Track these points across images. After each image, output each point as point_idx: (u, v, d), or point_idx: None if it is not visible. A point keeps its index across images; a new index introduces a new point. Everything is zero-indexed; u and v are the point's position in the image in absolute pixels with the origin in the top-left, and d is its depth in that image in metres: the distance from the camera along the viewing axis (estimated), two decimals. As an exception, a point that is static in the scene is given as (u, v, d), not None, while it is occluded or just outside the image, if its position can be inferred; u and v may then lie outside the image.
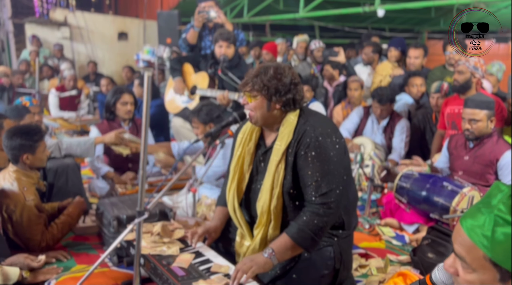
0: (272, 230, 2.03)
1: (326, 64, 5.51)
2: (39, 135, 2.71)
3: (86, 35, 9.78)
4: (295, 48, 6.78)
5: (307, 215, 1.92)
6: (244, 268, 1.84)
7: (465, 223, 0.98)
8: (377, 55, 5.60)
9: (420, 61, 4.90)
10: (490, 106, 3.20)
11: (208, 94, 4.28)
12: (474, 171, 3.32)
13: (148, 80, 1.76)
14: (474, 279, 0.96)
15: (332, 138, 1.97)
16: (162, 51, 6.42)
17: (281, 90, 1.99)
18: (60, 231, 2.75)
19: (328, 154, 1.94)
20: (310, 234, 1.90)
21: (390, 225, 3.28)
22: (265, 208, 2.01)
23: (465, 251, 0.97)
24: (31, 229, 2.61)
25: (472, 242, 0.95)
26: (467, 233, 0.96)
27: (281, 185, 1.99)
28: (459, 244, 0.98)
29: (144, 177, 1.86)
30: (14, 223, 2.60)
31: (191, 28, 4.72)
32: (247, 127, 2.17)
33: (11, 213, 2.58)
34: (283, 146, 1.98)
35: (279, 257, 1.91)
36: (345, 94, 5.23)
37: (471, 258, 0.95)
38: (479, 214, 0.95)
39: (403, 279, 2.26)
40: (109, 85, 6.65)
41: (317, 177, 1.92)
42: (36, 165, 2.76)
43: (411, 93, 4.73)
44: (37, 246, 2.65)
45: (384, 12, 6.36)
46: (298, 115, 2.03)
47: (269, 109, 2.02)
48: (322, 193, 1.91)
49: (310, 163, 1.93)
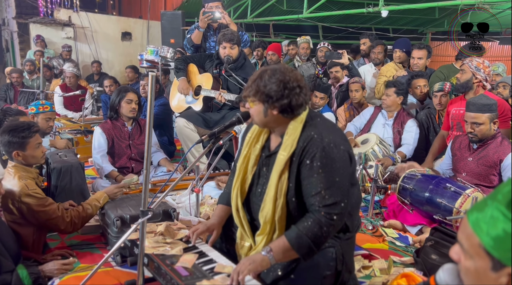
0: (276, 237, 2.02)
1: (335, 66, 5.51)
2: (28, 132, 2.69)
3: (90, 35, 9.81)
4: (297, 49, 6.80)
5: (309, 221, 1.87)
6: (242, 268, 1.83)
7: (470, 212, 1.03)
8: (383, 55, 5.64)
9: (423, 62, 4.90)
10: (492, 109, 3.20)
11: (212, 95, 4.28)
12: (477, 172, 3.31)
13: (152, 80, 1.76)
14: (470, 265, 1.01)
15: (339, 148, 1.90)
16: (166, 51, 6.42)
17: (273, 96, 1.90)
18: (85, 211, 2.74)
19: (334, 165, 1.87)
20: (308, 242, 1.85)
21: (394, 226, 3.28)
22: (268, 218, 1.98)
23: (465, 237, 1.02)
24: (46, 212, 2.58)
25: (472, 230, 1.00)
26: (469, 221, 1.01)
27: (284, 195, 1.95)
28: (462, 230, 1.04)
29: (148, 177, 1.87)
30: (26, 213, 2.57)
31: (196, 29, 4.73)
32: (256, 128, 2.15)
33: (18, 204, 2.56)
34: (287, 156, 1.93)
35: (276, 257, 1.87)
36: (347, 95, 5.23)
37: (468, 245, 1.01)
38: (484, 205, 1.00)
39: (407, 280, 2.25)
40: (112, 86, 6.66)
41: (321, 188, 1.86)
42: (29, 161, 2.76)
43: (414, 94, 4.73)
44: (60, 223, 2.63)
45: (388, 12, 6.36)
46: (304, 122, 1.97)
47: (266, 115, 1.96)
48: (327, 204, 1.86)
49: (315, 173, 1.87)
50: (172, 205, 3.04)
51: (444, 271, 1.16)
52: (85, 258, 2.70)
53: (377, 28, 10.64)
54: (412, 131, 4.32)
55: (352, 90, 4.98)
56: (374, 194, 3.50)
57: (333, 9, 8.25)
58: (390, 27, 11.11)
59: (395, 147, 4.38)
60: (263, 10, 9.14)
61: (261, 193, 2.06)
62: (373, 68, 5.75)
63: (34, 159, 2.77)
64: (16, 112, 3.72)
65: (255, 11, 9.10)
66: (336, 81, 5.66)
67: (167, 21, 7.95)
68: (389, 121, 4.47)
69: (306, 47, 6.62)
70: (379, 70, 5.51)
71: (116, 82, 6.95)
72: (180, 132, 4.34)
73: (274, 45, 6.78)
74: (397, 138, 4.38)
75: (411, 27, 11.40)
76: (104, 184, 3.77)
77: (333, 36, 10.66)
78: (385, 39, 7.18)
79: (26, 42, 9.88)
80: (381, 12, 6.29)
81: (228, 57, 4.24)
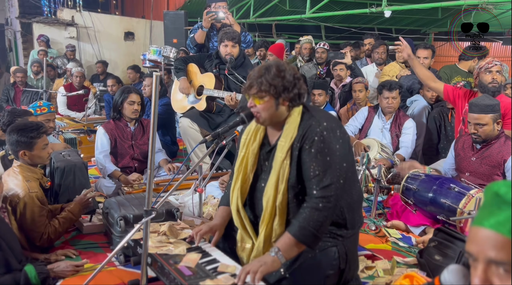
0: (277, 227, 2.03)
1: (340, 64, 5.51)
2: (36, 133, 2.71)
3: (93, 35, 9.83)
4: (299, 50, 6.79)
5: (307, 211, 1.93)
6: (253, 268, 1.83)
7: (488, 223, 0.93)
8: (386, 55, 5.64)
9: (428, 62, 4.89)
10: (495, 109, 3.19)
11: (215, 95, 4.28)
12: (481, 172, 3.31)
13: (156, 80, 1.76)
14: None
15: (336, 133, 2.00)
16: (169, 51, 6.43)
17: (288, 86, 2.01)
18: (61, 226, 2.77)
19: (331, 148, 1.96)
20: (312, 231, 1.91)
21: (397, 226, 3.27)
22: (270, 203, 2.02)
23: (501, 251, 0.90)
24: (34, 221, 2.62)
25: (506, 238, 0.89)
26: (497, 231, 0.91)
27: (286, 180, 2.00)
28: (493, 247, 0.91)
29: (152, 177, 1.87)
30: (18, 216, 2.61)
31: (199, 29, 4.73)
32: (251, 128, 2.18)
33: (15, 205, 2.59)
34: (288, 142, 2.00)
35: (286, 255, 1.91)
36: (350, 95, 5.23)
37: (509, 255, 0.89)
38: (498, 211, 0.92)
39: (410, 281, 2.25)
40: (114, 86, 6.67)
41: (319, 171, 1.94)
42: (35, 161, 2.78)
43: (425, 96, 4.71)
44: (39, 238, 2.66)
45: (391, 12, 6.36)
46: (301, 112, 2.06)
47: (278, 108, 2.03)
48: (324, 186, 1.93)
49: (314, 157, 1.95)
50: (175, 205, 3.05)
51: (449, 272, 1.16)
52: (89, 258, 2.69)
53: (380, 28, 10.65)
54: (410, 133, 4.28)
55: (356, 91, 4.97)
56: (377, 195, 3.49)
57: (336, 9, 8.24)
58: (393, 27, 11.11)
59: (394, 150, 4.35)
60: (266, 10, 9.14)
61: (265, 186, 2.08)
62: (376, 68, 5.75)
63: (40, 159, 2.79)
64: (23, 112, 3.70)
65: (257, 11, 9.11)
66: (340, 80, 5.65)
67: (170, 21, 7.97)
68: (387, 125, 4.39)
69: (308, 47, 6.61)
70: (382, 70, 5.51)
71: (120, 82, 6.97)
72: (184, 133, 4.34)
73: (274, 46, 6.74)
74: (396, 142, 4.35)
75: (414, 27, 11.39)
76: (107, 184, 3.78)
77: (336, 36, 10.66)
78: (387, 39, 7.18)
79: (29, 42, 9.89)
80: (384, 12, 6.29)
81: (231, 57, 4.24)
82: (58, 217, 2.80)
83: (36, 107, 3.90)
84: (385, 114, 4.41)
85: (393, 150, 4.33)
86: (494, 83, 3.61)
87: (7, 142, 2.76)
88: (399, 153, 4.21)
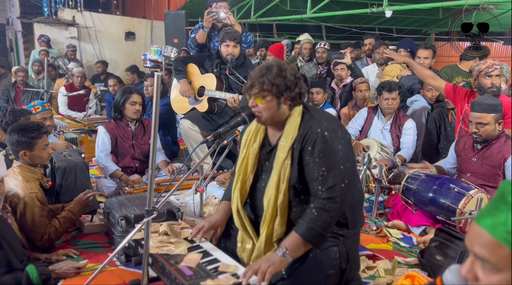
0: (278, 226, 2.03)
1: (340, 64, 5.51)
2: (37, 133, 2.72)
3: (94, 35, 9.83)
4: (299, 50, 6.78)
5: (314, 211, 1.94)
6: (262, 269, 1.82)
7: (484, 222, 0.94)
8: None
9: (429, 62, 4.88)
10: (497, 109, 3.18)
11: (217, 96, 4.27)
12: (482, 172, 3.30)
13: (158, 80, 1.76)
14: (500, 279, 0.91)
15: (337, 133, 2.00)
16: (170, 51, 6.43)
17: (289, 85, 2.02)
18: (62, 226, 2.78)
19: (334, 148, 1.96)
20: (320, 231, 1.92)
21: (398, 227, 3.27)
22: (271, 203, 2.03)
23: (488, 252, 0.92)
24: (34, 222, 2.63)
25: (496, 240, 0.90)
26: (489, 232, 0.92)
27: (287, 180, 2.01)
28: (481, 245, 0.93)
29: (153, 177, 1.87)
30: (18, 216, 2.61)
31: (200, 29, 4.72)
32: (252, 129, 2.19)
33: (15, 205, 2.59)
34: (289, 142, 2.00)
35: (293, 255, 1.92)
36: (351, 95, 5.22)
37: (496, 258, 0.91)
38: (497, 212, 0.92)
39: (411, 281, 2.25)
40: (116, 86, 6.67)
41: (323, 171, 1.94)
42: (35, 162, 2.78)
43: (425, 96, 4.71)
44: (39, 238, 2.66)
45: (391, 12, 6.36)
46: (301, 112, 2.07)
47: (279, 107, 2.04)
48: (329, 187, 1.93)
49: (316, 158, 1.95)
50: (176, 205, 3.05)
51: (451, 272, 1.16)
52: (90, 258, 2.69)
53: (381, 28, 10.64)
54: (410, 134, 4.27)
55: (362, 90, 4.96)
56: (378, 195, 3.49)
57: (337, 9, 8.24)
58: (394, 27, 11.11)
59: (395, 151, 4.34)
60: (267, 10, 9.14)
61: (265, 186, 2.08)
62: (377, 68, 5.75)
63: (40, 159, 2.79)
64: (25, 112, 3.69)
65: (258, 11, 9.11)
66: (340, 80, 5.65)
67: (171, 21, 7.97)
68: (387, 125, 4.37)
69: (308, 47, 6.60)
70: (383, 70, 5.50)
71: (121, 82, 6.96)
72: (185, 134, 4.33)
73: (274, 46, 6.71)
74: (397, 143, 4.34)
75: (415, 27, 11.39)
76: (108, 184, 3.78)
77: (337, 36, 10.66)
78: (388, 39, 7.17)
79: (30, 42, 9.89)
80: (385, 12, 6.29)
81: (232, 58, 4.22)
82: (58, 216, 2.81)
83: (30, 107, 3.93)
84: (385, 115, 4.40)
85: (394, 150, 4.32)
86: (493, 88, 3.62)
87: (8, 142, 2.76)
88: (400, 154, 4.20)
